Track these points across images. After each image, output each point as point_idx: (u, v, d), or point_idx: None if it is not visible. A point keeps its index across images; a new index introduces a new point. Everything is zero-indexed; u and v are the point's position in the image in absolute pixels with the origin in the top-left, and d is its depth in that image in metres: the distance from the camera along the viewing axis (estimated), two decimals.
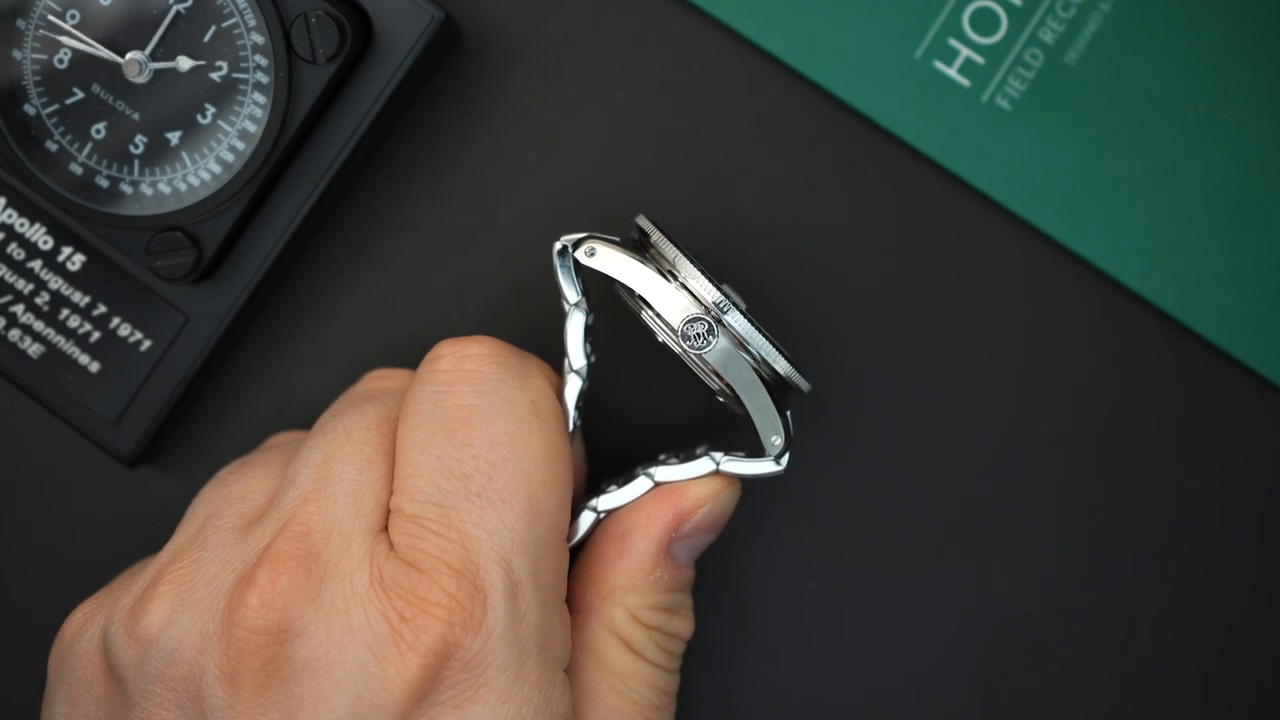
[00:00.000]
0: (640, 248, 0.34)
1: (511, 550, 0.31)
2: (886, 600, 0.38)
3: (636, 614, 0.34)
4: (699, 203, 0.38)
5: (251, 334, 0.39)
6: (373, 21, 0.36)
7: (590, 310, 0.34)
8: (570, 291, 0.34)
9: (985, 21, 0.37)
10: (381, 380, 0.36)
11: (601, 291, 0.36)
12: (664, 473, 0.34)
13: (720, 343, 0.33)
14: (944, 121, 0.37)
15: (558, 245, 0.34)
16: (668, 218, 0.38)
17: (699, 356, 0.33)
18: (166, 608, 0.31)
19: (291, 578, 0.30)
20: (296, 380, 0.39)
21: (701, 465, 0.34)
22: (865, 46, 0.37)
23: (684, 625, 0.34)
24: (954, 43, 0.37)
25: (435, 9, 0.36)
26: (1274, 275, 0.37)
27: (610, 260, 0.33)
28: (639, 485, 0.34)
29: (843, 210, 0.38)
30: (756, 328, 0.33)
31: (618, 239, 0.34)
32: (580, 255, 0.33)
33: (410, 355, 0.38)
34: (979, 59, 0.37)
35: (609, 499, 0.34)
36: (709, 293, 0.33)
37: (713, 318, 0.33)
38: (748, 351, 0.33)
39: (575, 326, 0.34)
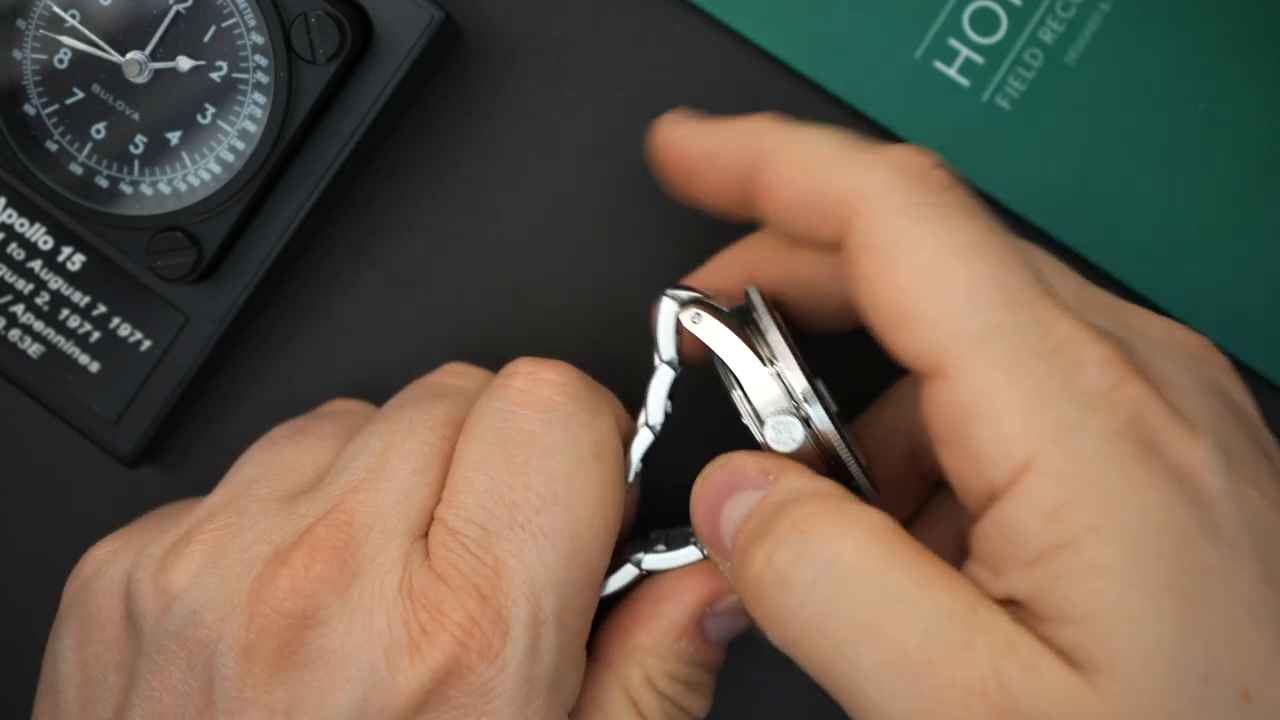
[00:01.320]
0: (744, 319, 0.33)
1: (544, 588, 0.31)
2: None
3: (653, 679, 0.33)
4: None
5: (251, 334, 0.39)
6: (373, 21, 0.36)
7: (679, 367, 0.33)
8: (666, 348, 0.33)
9: (985, 21, 0.37)
10: (458, 378, 0.35)
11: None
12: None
13: (802, 442, 0.32)
14: (944, 121, 0.37)
15: (666, 302, 0.33)
16: (667, 217, 0.38)
17: (779, 451, 0.32)
18: (196, 567, 0.31)
19: (325, 566, 0.30)
20: (296, 380, 0.39)
21: None
22: (865, 46, 0.37)
23: (699, 704, 0.34)
24: (954, 43, 0.37)
25: (435, 9, 0.36)
26: (1274, 275, 0.37)
27: (712, 333, 0.32)
28: (688, 554, 0.33)
29: None
30: (840, 433, 0.32)
31: (723, 307, 0.33)
32: (685, 318, 0.33)
33: (410, 355, 0.38)
34: (979, 59, 0.37)
35: (655, 560, 0.33)
36: (799, 383, 0.32)
37: (801, 415, 0.32)
38: (825, 452, 0.32)
39: (661, 382, 0.33)
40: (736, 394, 0.32)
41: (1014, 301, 0.28)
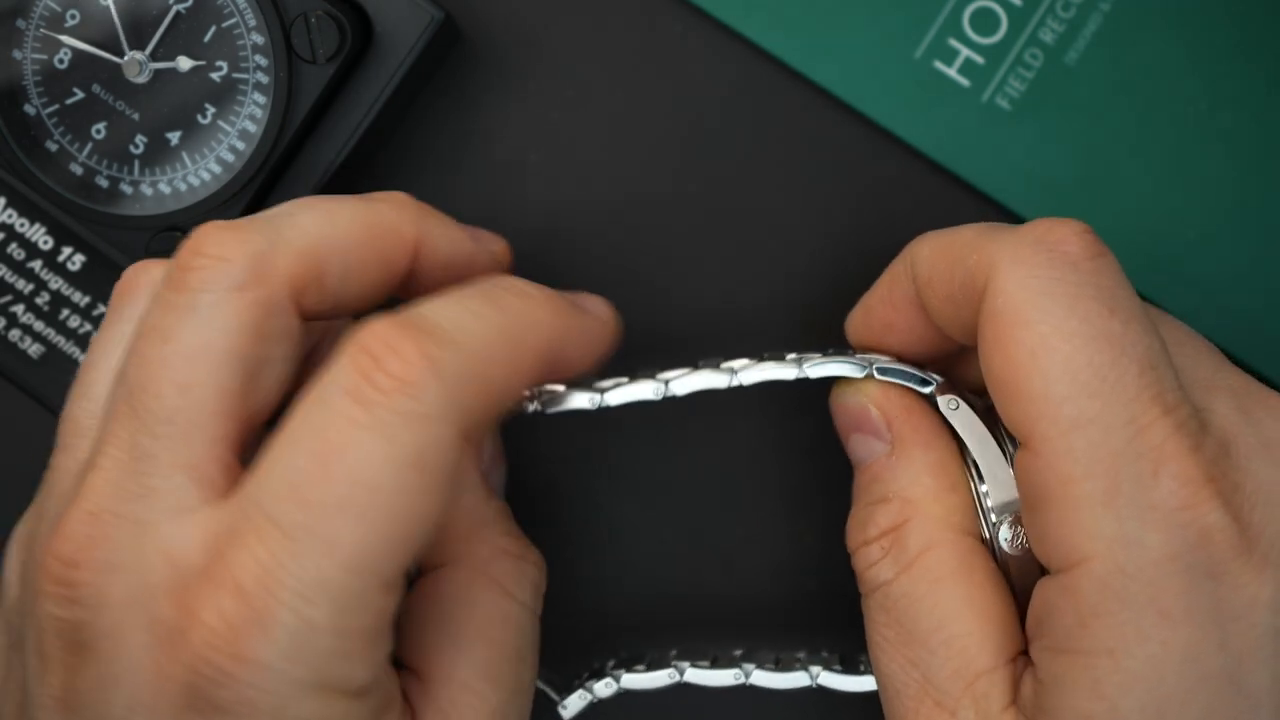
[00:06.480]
0: (990, 411, 0.33)
1: (317, 594, 0.28)
2: None
3: (501, 545, 0.33)
4: (698, 203, 0.38)
5: None
6: (373, 21, 0.36)
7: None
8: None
9: (985, 21, 0.37)
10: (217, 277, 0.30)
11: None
12: None
13: (1011, 551, 0.32)
14: (944, 121, 0.37)
15: (932, 390, 0.33)
16: (667, 218, 0.38)
17: (998, 550, 0.32)
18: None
19: (85, 571, 0.30)
20: None
21: None
22: (865, 46, 0.37)
23: (538, 556, 0.34)
24: (954, 43, 0.37)
25: (435, 9, 0.36)
26: (1274, 275, 0.37)
27: (967, 423, 0.32)
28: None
29: (843, 211, 0.38)
30: None
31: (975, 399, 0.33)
32: (943, 403, 0.33)
33: None
34: (979, 59, 0.37)
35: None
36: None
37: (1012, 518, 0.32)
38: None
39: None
40: (973, 485, 0.33)
41: (1112, 393, 0.28)
